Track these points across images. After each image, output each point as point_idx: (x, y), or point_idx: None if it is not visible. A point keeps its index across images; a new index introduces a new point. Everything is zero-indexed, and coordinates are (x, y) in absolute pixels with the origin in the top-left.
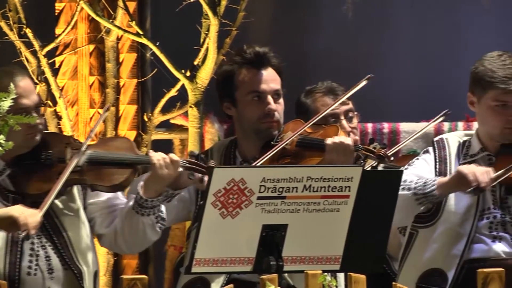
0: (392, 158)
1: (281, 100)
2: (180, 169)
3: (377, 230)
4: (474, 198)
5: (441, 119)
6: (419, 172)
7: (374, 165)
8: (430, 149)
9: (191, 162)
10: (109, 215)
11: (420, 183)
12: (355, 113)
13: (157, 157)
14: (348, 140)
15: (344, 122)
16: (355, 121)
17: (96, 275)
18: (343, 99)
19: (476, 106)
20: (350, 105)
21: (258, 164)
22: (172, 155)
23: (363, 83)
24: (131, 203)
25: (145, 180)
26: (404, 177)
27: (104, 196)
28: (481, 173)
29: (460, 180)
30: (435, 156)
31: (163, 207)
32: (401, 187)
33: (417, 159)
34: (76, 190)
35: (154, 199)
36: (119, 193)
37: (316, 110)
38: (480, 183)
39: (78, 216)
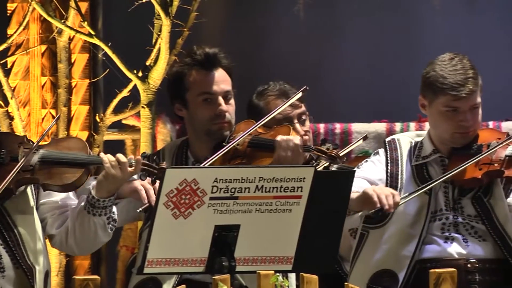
0: (344, 159)
1: (232, 101)
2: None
3: (330, 231)
4: (426, 199)
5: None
6: (366, 175)
7: (326, 165)
8: (381, 151)
9: (143, 164)
10: (61, 215)
11: None
12: (307, 114)
13: (110, 157)
14: (297, 140)
15: (297, 125)
16: (307, 123)
17: (47, 275)
18: (280, 110)
19: (427, 110)
20: (303, 108)
21: (208, 164)
22: (121, 156)
23: (299, 94)
24: (83, 203)
25: (97, 180)
26: None
27: (56, 196)
28: (386, 195)
29: (365, 200)
30: (386, 157)
31: (114, 209)
32: None
33: (366, 161)
34: (29, 190)
35: (106, 199)
36: (71, 194)
37: (268, 113)
38: (383, 205)
39: (31, 216)
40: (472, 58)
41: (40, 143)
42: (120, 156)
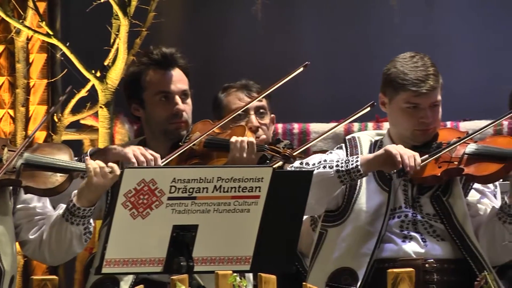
0: (297, 158)
1: (189, 101)
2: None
3: (288, 230)
4: (385, 196)
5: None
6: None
7: (280, 165)
8: (343, 145)
9: None
10: (37, 222)
11: (342, 161)
12: (268, 112)
13: (94, 165)
14: (252, 140)
15: (253, 117)
16: (266, 118)
17: (12, 280)
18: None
19: (387, 107)
20: (263, 103)
21: (163, 164)
22: (114, 166)
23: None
24: (61, 211)
25: (79, 188)
26: (324, 157)
27: (34, 203)
28: (409, 156)
29: (387, 159)
30: (347, 153)
31: (92, 221)
32: (321, 165)
33: (330, 152)
34: (8, 192)
35: (86, 209)
36: (48, 203)
37: (228, 104)
38: (406, 165)
39: (9, 218)
40: (430, 57)
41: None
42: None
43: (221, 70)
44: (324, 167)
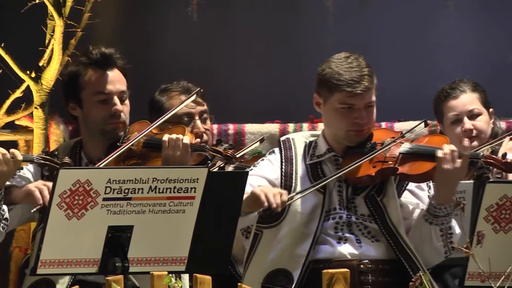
0: (241, 160)
1: (127, 101)
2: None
3: (223, 231)
4: (320, 197)
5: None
6: (263, 173)
7: (221, 165)
8: (276, 149)
9: (44, 158)
10: None
11: None
12: (208, 113)
13: None
14: (186, 139)
15: (198, 122)
16: (208, 122)
17: None
18: (173, 112)
19: (322, 108)
20: (205, 107)
21: (102, 165)
22: (15, 152)
23: (193, 97)
24: None
25: None
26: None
27: None
28: (274, 194)
29: (253, 200)
30: (281, 156)
31: (5, 207)
32: None
33: (263, 160)
34: None
35: None
36: None
37: (170, 108)
38: (271, 203)
39: None
40: (365, 58)
41: None
42: (15, 152)
43: (156, 71)
44: None
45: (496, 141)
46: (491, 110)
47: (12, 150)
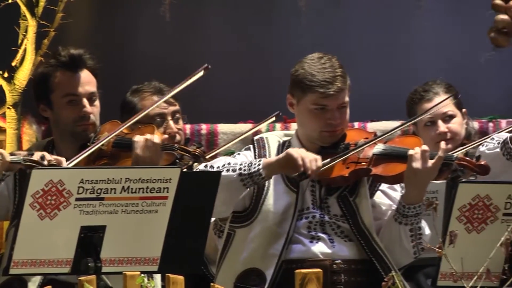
0: (207, 157)
1: (97, 102)
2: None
3: (196, 231)
4: (293, 197)
5: (272, 119)
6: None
7: (190, 164)
8: (251, 146)
9: (31, 160)
10: None
11: (245, 164)
12: (181, 115)
13: None
14: (156, 139)
15: (171, 122)
16: (181, 122)
17: None
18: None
19: (295, 108)
20: (177, 107)
21: (71, 165)
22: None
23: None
24: None
25: None
26: (228, 161)
27: None
28: (310, 160)
29: (288, 162)
30: (255, 154)
31: None
32: (225, 168)
33: (239, 154)
34: None
35: None
36: None
37: (143, 108)
38: (307, 169)
39: None
40: (338, 58)
41: None
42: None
43: (129, 71)
44: (228, 170)
45: (472, 145)
46: (464, 110)
47: (0, 151)
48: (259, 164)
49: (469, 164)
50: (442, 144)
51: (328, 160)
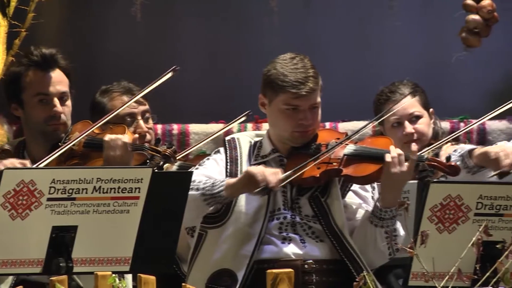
0: (178, 157)
1: (69, 102)
2: None
3: (167, 231)
4: (264, 199)
5: (243, 119)
6: (209, 173)
7: (160, 164)
8: (222, 149)
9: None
10: None
11: (209, 184)
12: (151, 114)
13: None
14: (126, 138)
15: (141, 122)
16: (150, 122)
17: None
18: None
19: (267, 108)
20: (147, 106)
21: (42, 165)
22: None
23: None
24: None
25: None
26: (193, 177)
27: None
28: (270, 174)
29: (249, 180)
30: (226, 156)
31: None
32: (190, 187)
33: (208, 159)
34: None
35: None
36: None
37: (112, 109)
38: (268, 183)
39: None
40: (310, 59)
41: None
42: None
43: (100, 71)
44: (191, 188)
45: (437, 145)
46: (431, 110)
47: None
48: (221, 186)
49: (439, 164)
50: (414, 147)
51: (289, 172)
